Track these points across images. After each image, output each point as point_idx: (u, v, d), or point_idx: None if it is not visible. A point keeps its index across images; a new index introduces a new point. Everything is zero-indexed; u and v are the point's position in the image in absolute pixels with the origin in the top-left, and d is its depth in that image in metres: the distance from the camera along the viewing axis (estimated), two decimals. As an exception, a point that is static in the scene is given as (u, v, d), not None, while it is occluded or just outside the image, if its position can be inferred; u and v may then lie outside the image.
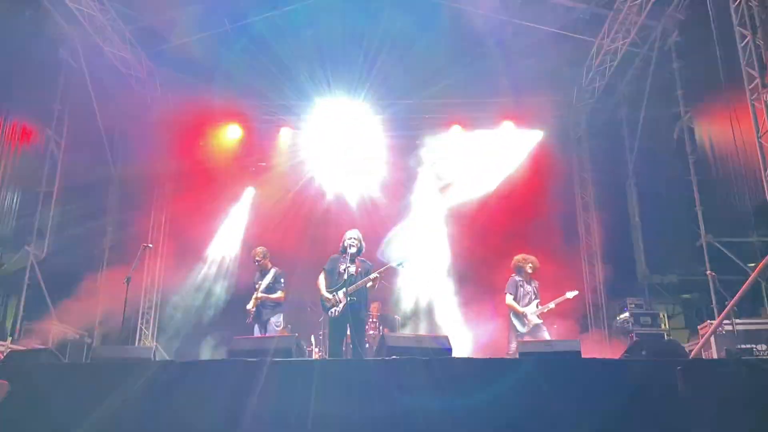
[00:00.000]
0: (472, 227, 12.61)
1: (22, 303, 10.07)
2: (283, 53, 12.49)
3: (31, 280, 10.20)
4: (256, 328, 8.41)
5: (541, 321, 7.67)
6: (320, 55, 13.17)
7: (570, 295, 7.94)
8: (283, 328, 8.71)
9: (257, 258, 8.69)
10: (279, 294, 8.49)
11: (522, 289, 7.83)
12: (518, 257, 8.12)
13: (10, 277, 10.41)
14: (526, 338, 7.55)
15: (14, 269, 10.44)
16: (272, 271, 8.59)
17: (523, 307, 7.70)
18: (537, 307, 7.67)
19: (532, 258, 8.08)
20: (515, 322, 7.76)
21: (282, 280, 8.56)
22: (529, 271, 7.93)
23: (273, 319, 8.38)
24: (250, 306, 8.47)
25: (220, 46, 12.97)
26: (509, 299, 7.86)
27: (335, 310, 6.96)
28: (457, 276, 12.25)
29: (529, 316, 7.64)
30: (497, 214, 12.77)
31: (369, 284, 7.04)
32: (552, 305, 7.71)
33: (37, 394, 4.52)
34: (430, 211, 13.13)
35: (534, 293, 7.80)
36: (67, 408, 4.41)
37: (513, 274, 8.03)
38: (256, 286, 8.60)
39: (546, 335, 7.63)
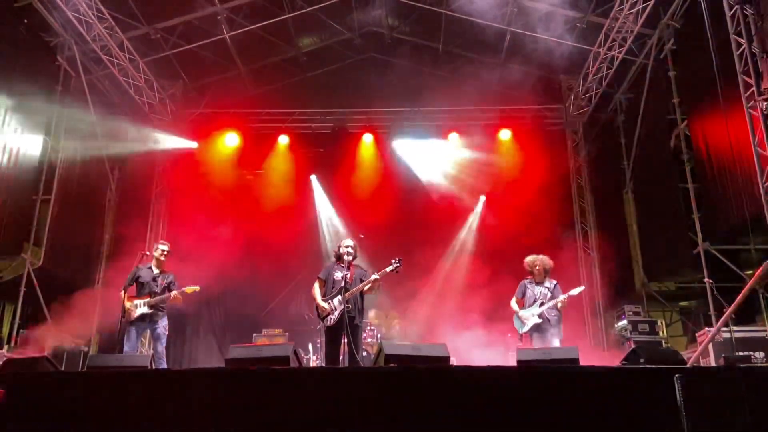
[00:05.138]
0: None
1: (18, 311, 10.02)
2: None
3: (28, 288, 10.15)
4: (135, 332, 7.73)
5: (542, 321, 7.59)
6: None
7: (574, 292, 7.77)
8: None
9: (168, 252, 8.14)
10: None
11: (530, 290, 7.84)
12: (527, 259, 8.11)
13: (7, 285, 10.37)
14: (524, 337, 7.70)
15: (11, 277, 10.41)
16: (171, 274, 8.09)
17: (528, 307, 7.74)
18: (538, 307, 7.65)
19: (540, 258, 8.01)
20: (515, 322, 7.87)
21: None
22: (537, 272, 7.89)
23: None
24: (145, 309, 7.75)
25: (218, 54, 13.07)
26: (512, 301, 7.98)
27: (331, 319, 6.94)
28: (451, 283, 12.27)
29: (526, 316, 7.68)
30: (493, 222, 12.81)
31: (367, 287, 7.02)
32: (552, 303, 7.62)
33: (33, 402, 4.50)
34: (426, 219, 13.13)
35: (545, 294, 7.72)
36: (63, 417, 4.39)
37: (526, 277, 8.07)
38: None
39: (549, 336, 7.56)
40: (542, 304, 7.67)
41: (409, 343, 5.86)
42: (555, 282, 7.95)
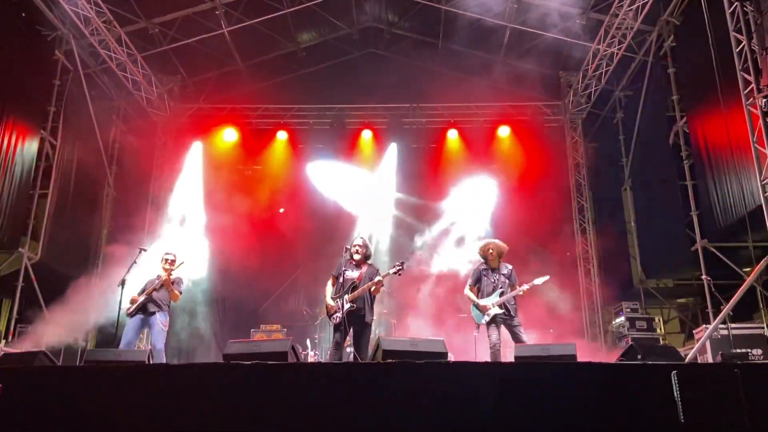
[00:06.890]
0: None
1: (15, 306, 10.00)
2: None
3: (25, 283, 10.13)
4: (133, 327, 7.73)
5: (503, 311, 7.13)
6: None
7: (538, 281, 7.37)
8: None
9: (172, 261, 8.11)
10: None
11: (486, 278, 7.39)
12: (480, 244, 7.74)
13: (4, 280, 10.35)
14: (482, 328, 7.27)
15: (8, 271, 10.40)
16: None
17: (486, 296, 7.31)
18: (499, 297, 7.23)
19: (494, 242, 7.62)
20: (473, 312, 7.41)
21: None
22: (491, 256, 7.45)
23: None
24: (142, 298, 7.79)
25: (216, 49, 13.04)
26: (465, 288, 7.58)
27: (337, 316, 6.94)
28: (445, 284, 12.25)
29: (486, 306, 7.20)
30: (493, 219, 12.80)
31: (372, 288, 7.01)
32: (514, 293, 7.20)
33: (30, 397, 4.49)
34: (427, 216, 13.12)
35: (502, 282, 7.28)
36: (60, 411, 4.38)
37: (479, 263, 7.63)
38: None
39: (512, 326, 7.15)
40: (503, 292, 7.24)
41: (407, 339, 5.85)
42: (510, 267, 7.50)
